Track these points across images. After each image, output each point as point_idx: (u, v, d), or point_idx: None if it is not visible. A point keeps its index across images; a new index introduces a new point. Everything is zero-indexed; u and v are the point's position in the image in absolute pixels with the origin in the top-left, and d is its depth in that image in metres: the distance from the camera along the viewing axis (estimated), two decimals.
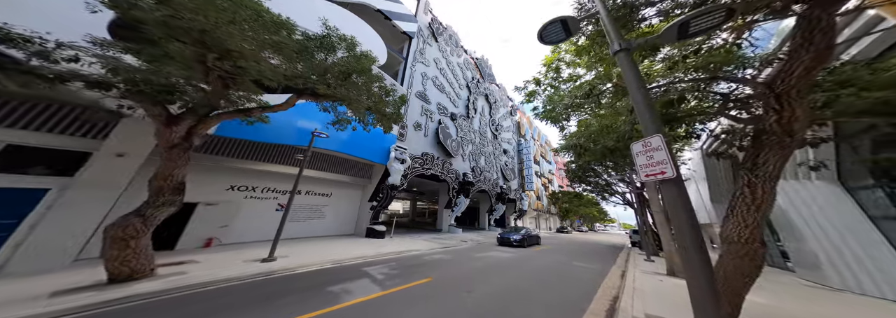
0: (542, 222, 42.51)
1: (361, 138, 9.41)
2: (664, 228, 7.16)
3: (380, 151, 10.10)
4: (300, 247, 7.27)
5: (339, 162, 9.85)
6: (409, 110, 13.32)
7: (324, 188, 9.72)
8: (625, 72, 2.30)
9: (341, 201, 10.22)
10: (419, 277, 5.07)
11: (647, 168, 2.05)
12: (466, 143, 20.01)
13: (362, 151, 9.47)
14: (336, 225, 9.97)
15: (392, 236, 10.27)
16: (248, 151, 7.99)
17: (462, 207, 17.38)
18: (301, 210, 9.00)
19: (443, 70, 19.16)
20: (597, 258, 10.00)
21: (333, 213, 9.87)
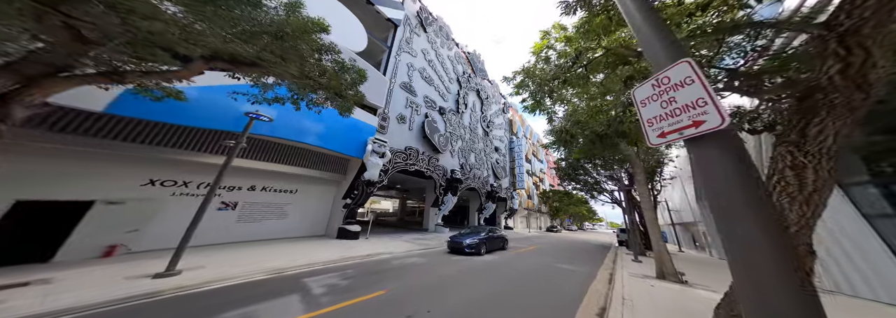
0: (532, 220, 42.49)
1: (336, 130, 8.57)
2: (653, 227, 6.74)
3: (356, 144, 9.25)
4: (236, 253, 6.03)
5: (309, 155, 8.83)
6: (392, 102, 12.56)
7: (287, 184, 8.54)
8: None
9: (310, 198, 9.10)
10: (372, 289, 4.29)
11: (664, 122, 1.30)
12: (456, 138, 19.38)
13: (334, 143, 8.55)
14: (303, 225, 8.86)
15: (368, 237, 9.48)
16: (179, 139, 6.26)
17: (449, 205, 16.78)
18: (255, 209, 7.78)
19: (431, 62, 18.42)
20: (584, 259, 9.57)
21: (299, 212, 8.76)
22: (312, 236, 9.03)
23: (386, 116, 11.60)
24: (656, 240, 6.55)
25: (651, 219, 6.72)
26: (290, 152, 8.39)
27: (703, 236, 16.82)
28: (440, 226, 16.56)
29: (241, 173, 7.50)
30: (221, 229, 7.05)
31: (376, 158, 9.21)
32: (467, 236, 8.58)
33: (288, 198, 8.53)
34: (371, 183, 9.06)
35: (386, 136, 11.32)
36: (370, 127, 10.00)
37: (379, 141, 9.52)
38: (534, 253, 10.28)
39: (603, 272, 7.40)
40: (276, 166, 7.97)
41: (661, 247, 6.41)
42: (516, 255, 9.32)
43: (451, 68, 21.89)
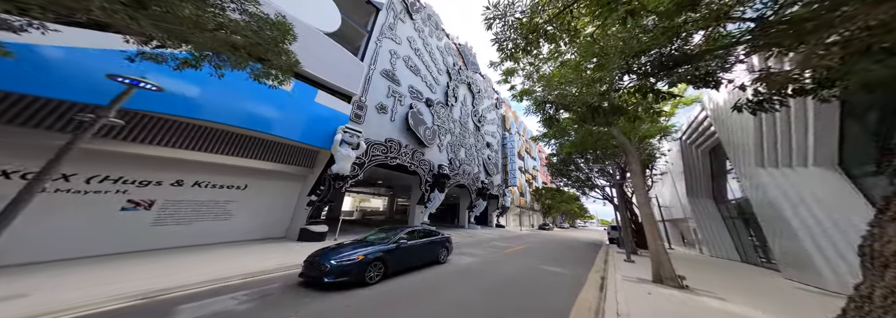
0: (525, 218, 42.21)
1: (296, 116, 7.38)
2: (650, 223, 6.05)
3: (324, 134, 8.13)
4: (120, 268, 4.47)
5: (263, 145, 7.46)
6: (371, 90, 11.56)
7: (233, 178, 7.07)
8: None
9: (265, 195, 7.67)
10: (275, 315, 3.08)
11: None
12: (444, 132, 18.50)
13: (293, 130, 7.34)
14: (255, 227, 7.42)
15: (336, 238, 8.55)
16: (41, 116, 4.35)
17: (436, 202, 15.94)
18: (183, 209, 6.21)
19: (418, 51, 17.41)
20: (573, 260, 8.90)
21: (249, 211, 7.31)
22: (268, 238, 7.75)
23: (362, 104, 10.62)
24: (653, 238, 5.87)
25: (647, 214, 6.03)
26: (238, 141, 6.92)
27: (693, 233, 16.51)
28: (426, 225, 15.73)
29: (163, 165, 5.98)
30: (127, 235, 5.43)
31: (347, 149, 8.20)
32: (335, 253, 4.52)
33: (233, 195, 7.12)
34: (340, 177, 8.02)
35: (362, 126, 10.35)
36: (343, 116, 9.00)
37: (351, 131, 8.48)
38: (521, 253, 9.57)
39: (593, 274, 6.72)
40: (216, 157, 6.51)
41: (659, 247, 5.73)
42: (504, 256, 8.58)
43: (441, 59, 20.90)
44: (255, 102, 6.46)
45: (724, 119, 9.46)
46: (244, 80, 5.91)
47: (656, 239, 5.85)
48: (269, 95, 6.46)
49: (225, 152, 6.76)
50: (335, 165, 7.92)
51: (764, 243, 10.24)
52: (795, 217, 6.66)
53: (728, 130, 9.29)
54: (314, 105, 7.85)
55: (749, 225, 10.94)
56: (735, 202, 11.83)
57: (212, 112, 5.86)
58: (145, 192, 5.88)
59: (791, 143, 6.86)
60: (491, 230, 22.56)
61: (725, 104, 9.19)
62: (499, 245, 11.48)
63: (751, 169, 8.06)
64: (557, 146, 16.91)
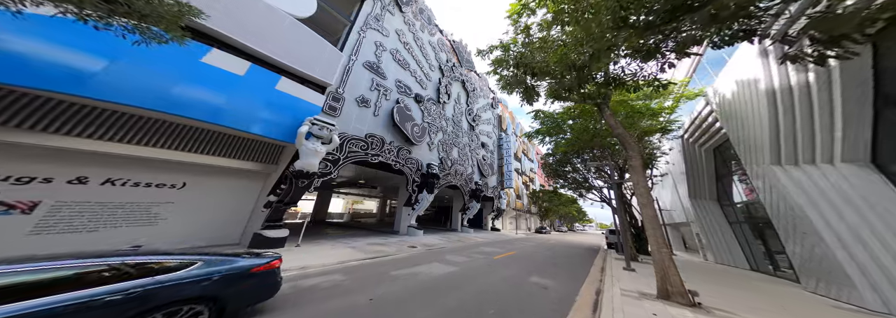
0: (521, 222, 41.22)
1: (251, 103, 6.39)
2: (653, 226, 5.13)
3: (287, 126, 7.11)
4: None
5: (210, 137, 6.29)
6: (350, 81, 10.72)
7: (166, 175, 5.83)
8: None
9: (211, 195, 6.52)
10: None
11: None
12: (435, 130, 17.65)
13: (244, 120, 6.11)
14: (194, 233, 6.17)
15: (299, 244, 7.58)
16: None
17: (424, 204, 14.99)
18: (84, 211, 4.95)
19: (407, 45, 16.64)
20: (567, 269, 7.97)
21: (188, 214, 6.06)
22: (215, 246, 6.52)
23: (339, 96, 9.75)
24: (658, 245, 4.95)
25: (650, 217, 5.13)
26: (173, 131, 5.77)
27: (697, 238, 15.60)
28: (413, 228, 14.77)
29: (57, 158, 4.80)
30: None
31: (315, 143, 7.28)
32: None
33: (165, 195, 5.84)
34: (305, 175, 7.05)
35: (337, 119, 9.46)
36: (313, 107, 8.11)
37: (321, 123, 7.56)
38: (510, 261, 8.63)
39: (588, 287, 5.79)
40: (140, 149, 5.34)
41: (665, 255, 4.82)
42: (488, 264, 7.65)
43: (433, 55, 20.15)
44: (187, 84, 5.37)
45: (732, 113, 8.63)
46: (175, 56, 5.05)
47: (661, 246, 4.94)
48: (210, 76, 5.58)
49: (153, 144, 5.58)
50: (299, 160, 6.97)
51: (773, 250, 9.35)
52: (821, 222, 5.78)
53: (737, 125, 8.45)
54: (275, 93, 6.93)
55: (760, 230, 10.05)
56: (743, 205, 10.96)
57: (120, 92, 4.65)
58: (25, 191, 4.61)
59: (814, 136, 6.01)
60: (484, 234, 21.58)
61: (734, 96, 8.37)
62: (487, 251, 10.54)
63: (765, 168, 7.20)
64: (553, 145, 16.11)
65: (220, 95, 5.76)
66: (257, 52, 6.68)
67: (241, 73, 6.15)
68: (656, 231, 5.05)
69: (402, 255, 7.66)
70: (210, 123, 5.72)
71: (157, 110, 5.05)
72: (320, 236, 10.99)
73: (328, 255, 6.45)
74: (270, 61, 7.04)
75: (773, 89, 6.73)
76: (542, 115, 11.49)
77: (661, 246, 4.92)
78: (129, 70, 4.80)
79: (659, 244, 4.98)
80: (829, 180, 5.84)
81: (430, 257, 7.81)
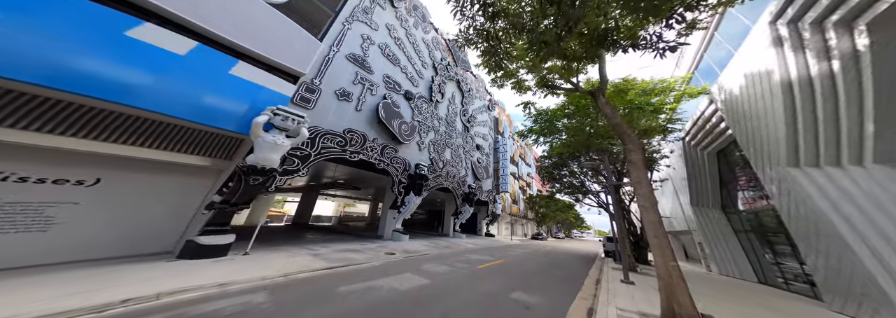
0: (518, 228, 40.18)
1: (194, 89, 5.46)
2: (657, 235, 4.29)
3: (242, 115, 6.20)
4: None
5: (137, 125, 5.24)
6: (329, 72, 9.98)
7: (69, 169, 4.71)
8: None
9: (135, 195, 5.38)
10: None
11: None
12: (426, 129, 16.90)
13: (181, 106, 5.16)
14: (109, 240, 5.02)
15: (248, 252, 6.40)
16: None
17: (411, 207, 14.09)
18: None
19: (399, 41, 16.04)
20: (558, 281, 7.09)
21: (99, 218, 4.93)
22: (138, 255, 5.28)
23: (314, 87, 8.98)
24: (663, 258, 4.11)
25: (652, 223, 4.30)
26: (83, 115, 4.70)
27: (699, 248, 14.72)
28: (399, 233, 13.84)
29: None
30: None
31: (276, 136, 6.43)
32: None
33: (67, 193, 4.69)
34: (259, 171, 6.08)
35: (311, 112, 8.67)
36: (280, 96, 7.32)
37: (285, 113, 6.73)
38: (496, 271, 7.73)
39: (579, 304, 4.92)
40: (30, 136, 4.24)
41: (672, 270, 3.97)
42: (469, 275, 6.77)
43: (426, 53, 19.59)
44: (100, 59, 4.46)
45: (741, 111, 7.92)
46: (89, 25, 4.23)
47: (668, 259, 4.09)
48: (136, 53, 4.78)
49: (52, 130, 4.47)
50: (252, 154, 6.08)
51: (784, 262, 8.52)
52: (850, 230, 4.99)
53: (747, 125, 7.72)
54: (229, 79, 6.11)
55: (770, 240, 9.23)
56: (750, 213, 10.16)
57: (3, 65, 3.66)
58: None
59: (840, 134, 5.27)
60: (477, 240, 20.61)
61: (743, 92, 7.67)
62: (473, 259, 9.63)
63: (780, 170, 6.44)
64: (548, 147, 15.37)
65: (145, 75, 4.86)
66: (207, 30, 5.88)
67: (181, 52, 5.35)
68: (661, 240, 4.22)
69: (372, 264, 6.75)
70: (126, 106, 4.66)
71: (52, 88, 4.04)
72: (290, 241, 10.02)
73: (275, 266, 5.44)
74: (225, 43, 6.25)
75: (789, 82, 6.03)
76: (535, 110, 10.79)
77: (667, 258, 4.08)
78: (16, 34, 3.83)
79: (665, 256, 4.14)
80: (858, 184, 5.06)
81: (405, 266, 6.91)
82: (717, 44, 9.91)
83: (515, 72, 8.36)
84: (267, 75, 7.08)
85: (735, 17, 8.50)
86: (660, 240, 4.13)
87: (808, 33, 5.58)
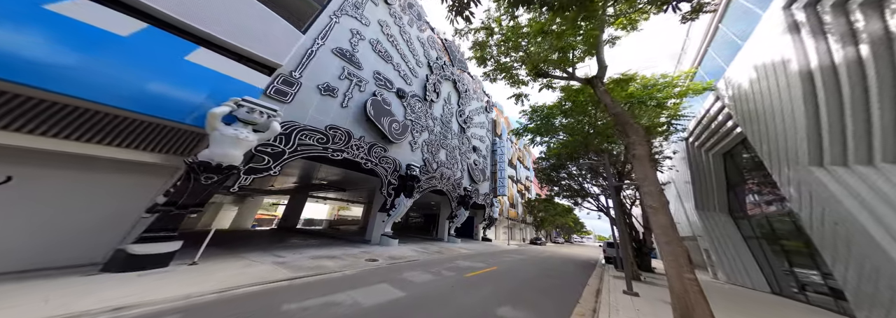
0: (516, 232, 39.27)
1: (138, 74, 4.81)
2: (669, 237, 3.57)
3: (199, 106, 5.51)
4: None
5: (70, 114, 4.59)
6: (313, 66, 9.41)
7: None
8: None
9: (61, 196, 4.60)
10: None
11: None
12: (420, 129, 16.31)
13: (119, 93, 4.51)
14: (14, 249, 4.14)
15: (196, 261, 5.47)
16: None
17: (401, 210, 13.39)
18: None
19: (392, 38, 15.59)
20: (552, 292, 6.37)
21: (4, 223, 4.13)
22: (61, 267, 4.45)
23: (292, 80, 8.38)
24: (678, 267, 3.42)
25: (663, 226, 3.61)
26: None
27: (704, 255, 13.97)
28: (388, 237, 13.08)
29: None
30: None
31: (241, 130, 5.74)
32: None
33: None
34: (213, 169, 5.28)
35: (287, 106, 8.05)
36: (250, 88, 6.70)
37: (251, 105, 6.07)
38: (485, 280, 7.01)
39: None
40: None
41: (690, 285, 3.28)
42: (453, 285, 6.06)
43: (421, 51, 19.15)
44: (10, 34, 3.77)
45: (753, 107, 7.32)
46: None
47: (683, 270, 3.40)
48: (61, 31, 4.17)
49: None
50: (207, 149, 5.36)
51: (800, 272, 7.80)
52: (886, 237, 4.31)
53: (760, 122, 7.11)
54: (185, 65, 5.47)
55: (785, 248, 8.52)
56: (761, 218, 9.47)
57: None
58: None
59: (871, 129, 4.65)
60: (473, 245, 19.79)
61: (755, 86, 7.09)
62: (463, 266, 8.89)
63: (801, 171, 5.79)
64: (546, 148, 14.76)
65: (69, 56, 4.14)
66: (157, 11, 5.29)
67: (122, 33, 4.74)
68: (674, 247, 3.53)
69: (345, 273, 6.01)
70: (41, 90, 3.95)
71: None
72: (263, 247, 9.08)
73: (216, 279, 4.57)
74: (181, 26, 5.66)
75: (808, 71, 5.44)
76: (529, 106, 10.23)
77: (682, 269, 3.39)
78: None
79: (679, 266, 3.44)
80: (895, 184, 4.40)
81: (383, 275, 6.18)
82: (722, 37, 9.39)
83: (509, 65, 7.85)
84: (235, 65, 6.49)
85: (741, 6, 7.98)
86: (672, 247, 3.44)
87: (830, 17, 5.02)
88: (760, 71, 6.91)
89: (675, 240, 3.45)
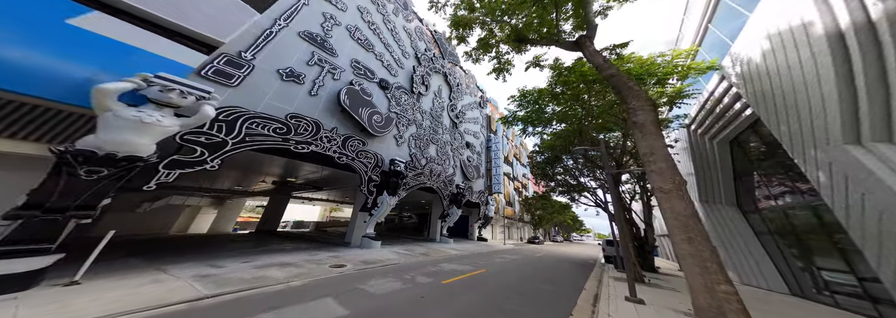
0: (514, 231, 38.34)
1: None
2: (691, 232, 2.56)
3: (77, 79, 4.44)
4: None
5: None
6: (272, 48, 8.43)
7: None
8: None
9: None
10: None
11: None
12: (407, 123, 15.35)
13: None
14: None
15: (77, 280, 4.15)
16: None
17: (384, 209, 12.38)
18: None
19: (373, 25, 14.64)
20: (542, 301, 5.42)
21: None
22: None
23: (242, 61, 7.35)
24: (708, 278, 2.41)
25: (682, 214, 2.59)
26: None
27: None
28: (370, 239, 12.05)
29: None
30: None
31: (148, 113, 4.60)
32: None
33: None
34: (101, 161, 4.15)
35: (233, 89, 7.00)
36: (179, 65, 5.62)
37: (167, 83, 4.90)
38: (464, 287, 6.05)
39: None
40: None
41: (727, 298, 2.30)
42: (422, 296, 5.08)
43: (408, 42, 18.21)
44: None
45: (767, 84, 6.41)
46: None
47: (715, 282, 2.39)
48: None
49: None
50: (92, 135, 4.22)
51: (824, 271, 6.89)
52: None
53: (777, 98, 6.20)
54: (64, 29, 4.40)
55: (806, 244, 7.61)
56: (775, 211, 8.56)
57: None
58: None
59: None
60: (466, 245, 18.80)
61: (769, 59, 6.17)
62: (446, 270, 7.92)
63: (832, 151, 4.88)
64: (539, 140, 13.84)
65: None
66: None
67: None
68: (698, 246, 2.53)
69: (289, 285, 4.91)
70: None
71: None
72: (204, 255, 7.49)
73: (88, 305, 3.43)
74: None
75: (838, 32, 4.53)
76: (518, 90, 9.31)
77: (712, 278, 2.39)
78: None
79: (709, 274, 2.43)
80: None
81: (337, 286, 5.12)
82: (725, 10, 8.49)
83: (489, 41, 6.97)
84: (150, 36, 5.43)
85: None
86: (696, 246, 2.43)
87: None
88: (775, 41, 6.00)
89: (698, 236, 2.45)
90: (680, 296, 6.66)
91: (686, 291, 7.48)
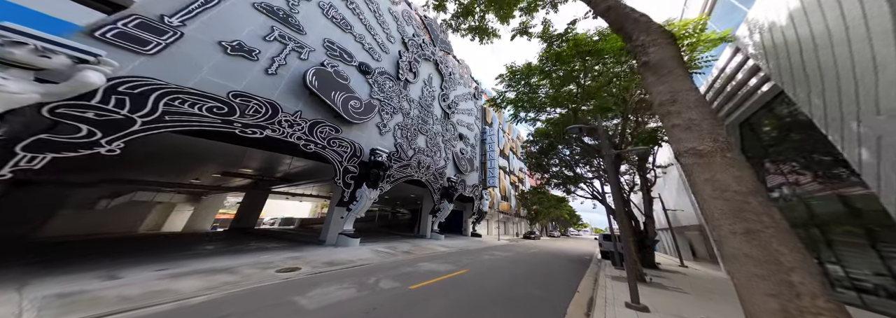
0: (510, 226, 37.69)
1: None
2: (747, 219, 1.55)
3: None
4: None
5: None
6: (213, 15, 7.23)
7: None
8: None
9: None
10: None
11: None
12: (392, 111, 14.22)
13: None
14: None
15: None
16: None
17: (364, 203, 11.37)
18: None
19: (353, 5, 13.39)
20: (526, 309, 4.47)
21: None
22: None
23: (164, 26, 6.11)
24: (784, 303, 1.39)
25: (729, 187, 1.54)
26: None
27: (715, 245, 12.21)
28: (347, 237, 11.04)
29: None
30: None
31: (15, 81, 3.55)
32: None
33: None
34: None
35: (150, 58, 5.76)
36: (46, 18, 4.35)
37: (10, 35, 3.72)
38: (434, 293, 5.11)
39: None
40: None
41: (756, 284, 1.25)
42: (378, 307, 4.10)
43: (394, 26, 16.94)
44: None
45: (795, 53, 5.39)
46: None
47: (798, 300, 1.32)
48: None
49: None
50: None
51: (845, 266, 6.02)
52: None
53: (808, 67, 5.19)
54: None
55: (827, 236, 6.73)
56: (789, 198, 7.66)
57: None
58: None
59: None
60: (457, 241, 17.95)
61: (796, 21, 5.13)
62: (422, 272, 6.98)
63: (881, 122, 3.90)
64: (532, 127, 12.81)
65: None
66: None
67: None
68: (768, 245, 1.39)
69: (188, 302, 3.69)
70: None
71: None
72: (144, 257, 6.56)
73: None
74: None
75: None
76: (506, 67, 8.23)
77: (808, 306, 1.25)
78: None
79: (799, 299, 1.28)
80: None
81: (260, 300, 3.93)
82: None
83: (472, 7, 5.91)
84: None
85: None
86: (762, 244, 1.29)
87: None
88: (806, 0, 4.94)
89: (769, 227, 1.40)
90: (689, 299, 5.78)
91: (695, 292, 6.59)
